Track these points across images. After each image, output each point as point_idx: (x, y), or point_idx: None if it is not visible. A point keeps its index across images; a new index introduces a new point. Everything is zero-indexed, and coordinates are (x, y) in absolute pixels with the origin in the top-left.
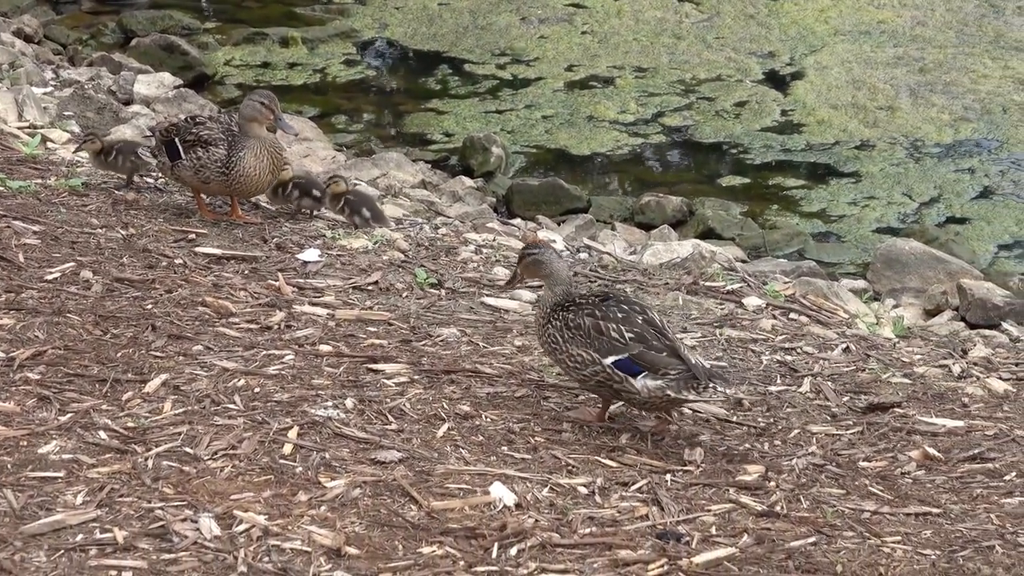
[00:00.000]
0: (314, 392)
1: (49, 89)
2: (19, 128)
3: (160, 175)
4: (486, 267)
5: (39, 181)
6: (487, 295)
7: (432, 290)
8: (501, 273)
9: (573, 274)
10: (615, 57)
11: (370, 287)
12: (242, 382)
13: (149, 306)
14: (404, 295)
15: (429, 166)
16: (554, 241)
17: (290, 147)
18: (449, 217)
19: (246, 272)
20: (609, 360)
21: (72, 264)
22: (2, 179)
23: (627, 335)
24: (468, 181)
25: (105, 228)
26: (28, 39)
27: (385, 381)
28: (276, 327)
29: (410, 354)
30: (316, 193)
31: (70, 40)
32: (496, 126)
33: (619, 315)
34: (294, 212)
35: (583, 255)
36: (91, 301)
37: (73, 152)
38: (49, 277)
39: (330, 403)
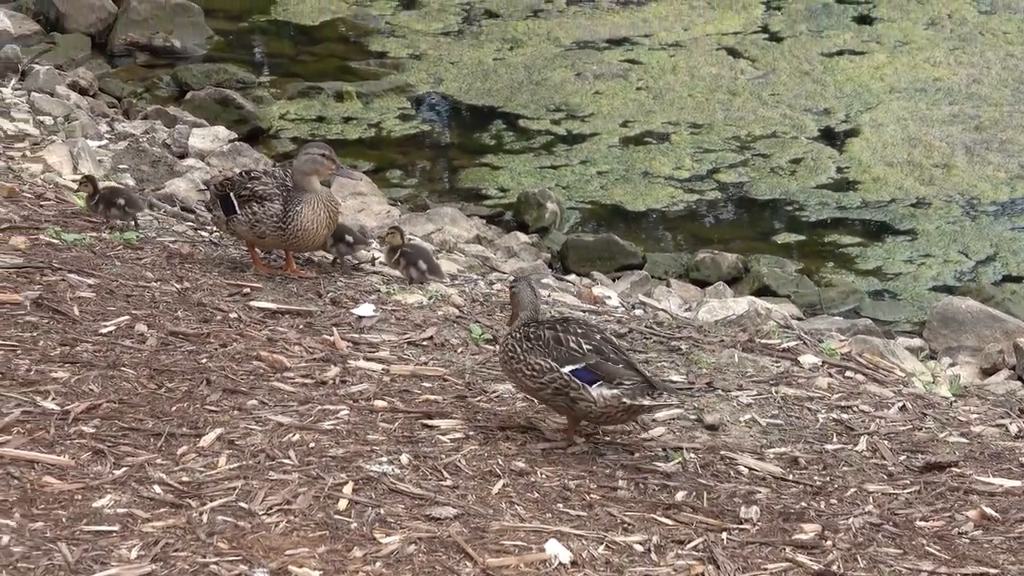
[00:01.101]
0: (369, 447)
1: (104, 142)
2: (74, 181)
3: (215, 229)
4: None
5: (94, 234)
6: None
7: (487, 346)
8: None
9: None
10: (670, 113)
11: (425, 342)
12: (297, 437)
13: (204, 360)
14: (459, 351)
15: (484, 221)
16: (608, 297)
17: (344, 201)
18: (504, 272)
19: (301, 327)
20: (567, 369)
21: (127, 317)
22: (57, 232)
23: (585, 347)
24: (523, 236)
25: (160, 281)
26: (83, 92)
27: (440, 437)
28: (331, 382)
29: (465, 410)
30: (348, 239)
31: (125, 93)
32: (551, 181)
33: (579, 331)
34: (333, 260)
35: (638, 312)
36: (146, 355)
37: (76, 192)
38: (104, 330)
39: (385, 459)
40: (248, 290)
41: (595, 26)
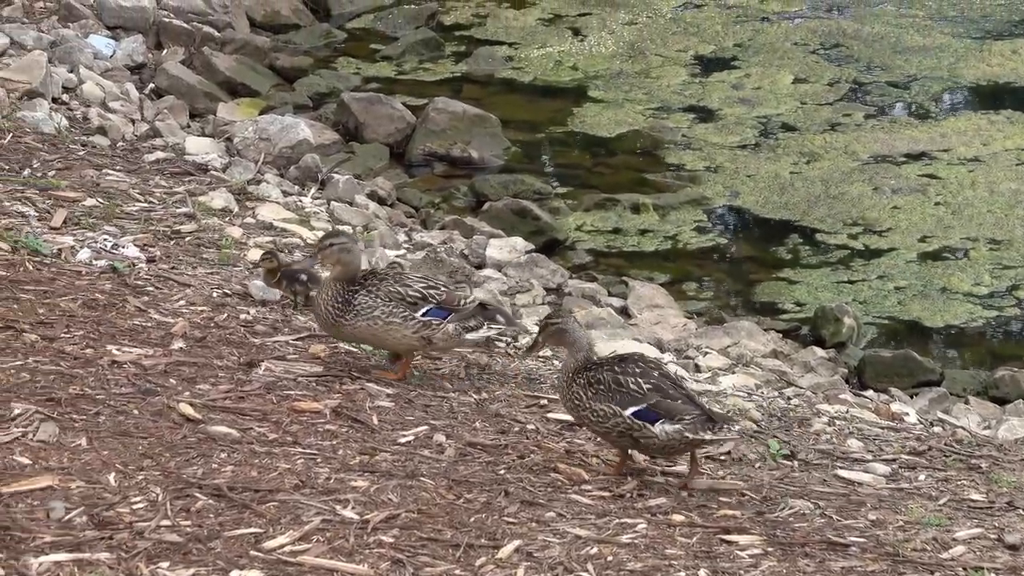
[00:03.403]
0: (667, 562)
1: (402, 251)
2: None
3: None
4: (839, 439)
5: None
6: (840, 467)
7: (785, 461)
8: (854, 445)
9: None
10: (969, 229)
11: (722, 457)
12: (595, 550)
13: (502, 471)
14: (756, 465)
15: (780, 335)
16: (906, 414)
17: (640, 314)
18: (801, 387)
19: (598, 440)
20: (630, 411)
21: (425, 427)
22: None
23: (645, 387)
24: (820, 351)
25: (458, 392)
26: (381, 201)
27: (738, 552)
28: (628, 495)
29: (763, 525)
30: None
31: (422, 203)
32: (848, 296)
33: (637, 370)
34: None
35: (937, 429)
36: (444, 465)
37: (254, 267)
38: (402, 440)
39: (683, 573)
40: (545, 402)
41: (892, 140)
